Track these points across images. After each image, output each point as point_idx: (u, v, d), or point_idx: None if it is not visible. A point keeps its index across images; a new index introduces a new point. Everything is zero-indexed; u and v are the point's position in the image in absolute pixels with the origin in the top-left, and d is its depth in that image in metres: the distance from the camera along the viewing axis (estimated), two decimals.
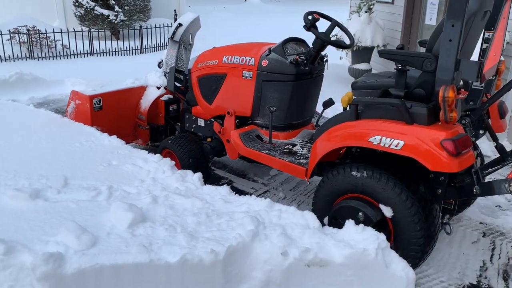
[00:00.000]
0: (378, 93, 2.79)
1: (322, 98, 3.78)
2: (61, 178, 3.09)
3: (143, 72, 4.99)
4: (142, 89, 4.69)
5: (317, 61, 3.47)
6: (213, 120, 3.90)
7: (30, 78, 7.06)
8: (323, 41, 3.23)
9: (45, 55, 8.67)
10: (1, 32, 7.89)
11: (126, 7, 10.41)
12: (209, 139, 4.04)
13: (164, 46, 10.81)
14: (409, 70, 2.67)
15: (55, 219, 2.59)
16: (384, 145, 2.49)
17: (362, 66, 7.28)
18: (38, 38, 8.56)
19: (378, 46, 7.03)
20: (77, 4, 10.26)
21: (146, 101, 4.64)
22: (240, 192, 3.99)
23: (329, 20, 3.43)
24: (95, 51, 9.36)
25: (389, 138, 2.47)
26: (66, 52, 8.97)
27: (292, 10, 21.09)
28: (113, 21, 10.26)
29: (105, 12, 10.19)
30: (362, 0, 7.43)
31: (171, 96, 4.56)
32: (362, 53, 7.19)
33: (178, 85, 4.27)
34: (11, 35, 8.32)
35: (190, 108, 4.17)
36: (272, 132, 3.47)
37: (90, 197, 2.90)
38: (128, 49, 9.86)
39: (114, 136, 3.95)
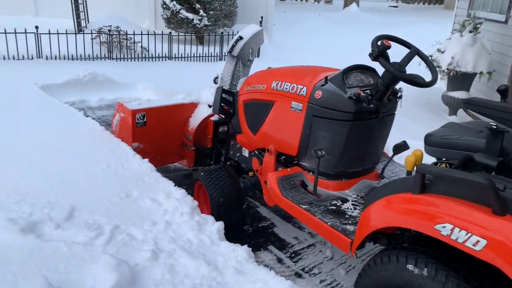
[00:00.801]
0: (459, 156, 2.01)
1: (403, 128, 3.02)
2: (67, 209, 2.74)
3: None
4: (192, 106, 4.26)
5: (386, 97, 2.71)
6: (256, 152, 3.32)
7: (102, 79, 7.06)
8: (393, 75, 2.48)
9: (124, 56, 8.74)
10: (83, 32, 8.09)
11: (211, 12, 10.22)
12: (250, 173, 3.46)
13: None
14: (508, 131, 1.86)
15: (35, 266, 2.21)
16: (457, 239, 1.71)
17: (459, 94, 6.20)
18: (119, 38, 8.64)
19: (481, 73, 5.92)
20: (164, 6, 10.30)
21: (195, 120, 4.20)
22: (280, 241, 3.36)
23: (407, 47, 2.66)
24: (173, 55, 9.27)
25: (464, 230, 1.69)
26: (145, 55, 8.97)
27: (393, 21, 19.68)
28: (197, 25, 10.12)
29: (190, 15, 10.07)
30: (468, 18, 6.34)
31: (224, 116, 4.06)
32: (460, 80, 6.12)
33: (226, 107, 3.75)
34: (93, 35, 8.49)
35: (236, 134, 3.64)
36: (321, 180, 2.79)
37: (87, 239, 2.48)
38: (207, 55, 9.65)
39: (146, 160, 3.56)
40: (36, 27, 7.91)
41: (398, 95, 2.85)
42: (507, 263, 1.59)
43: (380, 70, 2.74)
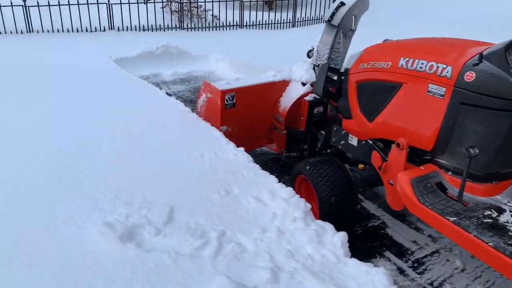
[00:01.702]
0: None
1: None
2: (166, 210, 2.42)
3: (291, 52, 4.01)
4: (284, 84, 3.79)
5: None
6: (370, 142, 2.82)
7: (175, 51, 6.76)
8: None
9: (195, 25, 8.35)
10: (154, 1, 7.77)
11: None
12: (361, 166, 2.98)
13: (319, 19, 9.72)
14: None
15: (140, 285, 1.91)
16: None
17: None
18: (189, 6, 8.24)
19: None
20: None
21: (287, 100, 3.73)
22: (396, 245, 2.88)
23: None
24: (244, 23, 8.75)
25: None
26: (216, 23, 8.53)
27: None
28: None
29: None
30: None
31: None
32: None
33: (328, 86, 3.24)
34: (163, 3, 8.15)
35: (341, 119, 3.13)
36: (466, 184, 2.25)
37: (193, 249, 2.15)
38: (279, 21, 9.04)
39: (242, 149, 3.16)
40: None
41: None
42: None
43: None
